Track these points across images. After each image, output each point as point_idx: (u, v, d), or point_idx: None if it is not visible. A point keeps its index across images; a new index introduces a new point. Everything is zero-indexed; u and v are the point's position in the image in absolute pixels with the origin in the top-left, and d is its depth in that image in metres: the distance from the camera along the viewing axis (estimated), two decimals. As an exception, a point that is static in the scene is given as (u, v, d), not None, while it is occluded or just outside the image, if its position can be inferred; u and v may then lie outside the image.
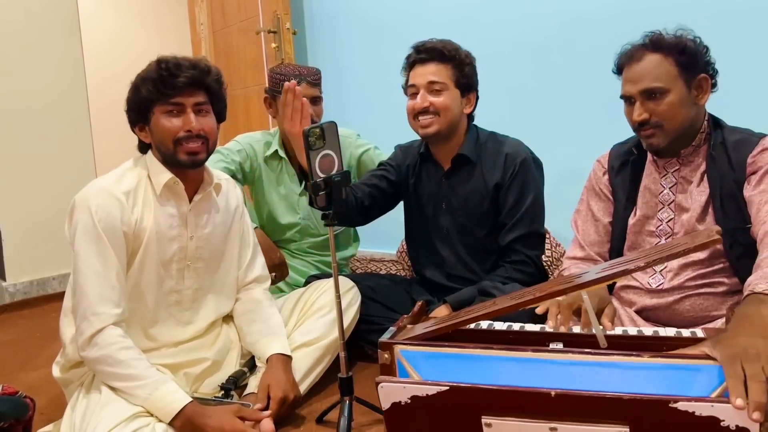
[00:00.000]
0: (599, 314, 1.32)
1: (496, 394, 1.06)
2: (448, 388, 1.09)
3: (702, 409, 0.95)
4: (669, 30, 1.51)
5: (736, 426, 0.94)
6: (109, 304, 1.47)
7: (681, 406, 0.96)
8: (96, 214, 1.48)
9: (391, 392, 1.12)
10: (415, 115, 1.91)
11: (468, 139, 1.96)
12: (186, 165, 1.56)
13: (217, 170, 1.78)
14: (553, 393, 1.02)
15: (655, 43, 1.50)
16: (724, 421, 0.94)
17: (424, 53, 1.91)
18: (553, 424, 1.04)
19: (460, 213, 1.97)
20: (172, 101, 1.53)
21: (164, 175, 1.57)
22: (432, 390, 1.09)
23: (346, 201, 1.84)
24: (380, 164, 2.12)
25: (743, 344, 0.98)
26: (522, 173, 1.90)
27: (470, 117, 1.98)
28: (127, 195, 1.53)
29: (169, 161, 1.57)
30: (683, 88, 1.48)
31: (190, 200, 1.62)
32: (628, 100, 1.53)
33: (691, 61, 1.49)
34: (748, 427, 0.93)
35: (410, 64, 1.95)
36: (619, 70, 1.57)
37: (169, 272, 1.60)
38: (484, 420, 1.08)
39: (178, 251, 1.60)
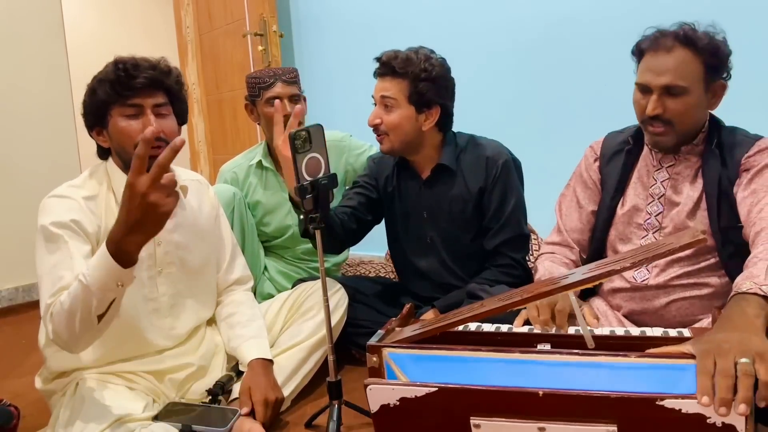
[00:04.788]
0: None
1: (485, 394, 1.06)
2: (436, 389, 1.09)
3: (688, 407, 0.96)
4: (700, 25, 1.44)
5: (722, 423, 0.94)
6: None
7: (668, 403, 0.97)
8: (53, 217, 1.42)
9: (380, 394, 1.12)
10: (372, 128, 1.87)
11: (446, 149, 1.90)
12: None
13: (188, 171, 1.73)
14: (540, 393, 1.03)
15: (688, 38, 1.42)
16: (710, 418, 0.95)
17: (381, 66, 1.83)
18: (541, 424, 1.04)
19: (443, 220, 1.93)
20: (130, 103, 1.47)
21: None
22: (421, 391, 1.09)
23: (332, 229, 1.78)
24: (355, 182, 2.05)
25: (719, 340, 0.99)
26: (504, 176, 1.87)
27: (445, 126, 1.89)
28: (87, 200, 1.48)
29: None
30: (702, 91, 1.45)
31: None
32: (644, 88, 1.47)
33: (718, 65, 1.45)
34: (734, 424, 0.94)
35: (374, 74, 1.86)
36: (639, 53, 1.49)
37: (140, 280, 1.54)
38: (473, 421, 1.08)
39: (147, 258, 1.55)
